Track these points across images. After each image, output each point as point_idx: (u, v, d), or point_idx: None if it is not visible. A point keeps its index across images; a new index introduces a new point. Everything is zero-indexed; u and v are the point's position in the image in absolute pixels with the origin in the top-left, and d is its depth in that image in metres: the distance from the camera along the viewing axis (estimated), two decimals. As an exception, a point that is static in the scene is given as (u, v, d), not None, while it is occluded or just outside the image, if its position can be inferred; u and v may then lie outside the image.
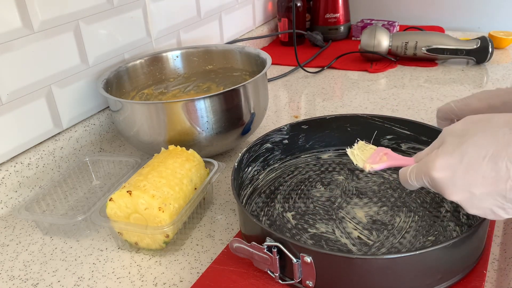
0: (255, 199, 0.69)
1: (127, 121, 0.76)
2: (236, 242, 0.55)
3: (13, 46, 0.73)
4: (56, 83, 0.81)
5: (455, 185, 0.44)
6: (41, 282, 0.59)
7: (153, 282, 0.58)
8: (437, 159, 0.45)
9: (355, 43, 1.37)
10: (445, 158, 0.45)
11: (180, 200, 0.62)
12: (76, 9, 0.83)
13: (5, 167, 0.73)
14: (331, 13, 1.42)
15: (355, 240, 0.60)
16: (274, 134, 0.73)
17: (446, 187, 0.45)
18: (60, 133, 0.84)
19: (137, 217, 0.60)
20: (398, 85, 1.10)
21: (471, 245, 0.52)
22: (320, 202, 0.68)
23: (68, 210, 0.72)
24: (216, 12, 1.23)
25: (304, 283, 0.52)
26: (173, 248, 0.63)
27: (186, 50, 0.98)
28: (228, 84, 0.97)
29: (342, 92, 1.10)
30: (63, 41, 0.81)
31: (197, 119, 0.73)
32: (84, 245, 0.65)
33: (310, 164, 0.76)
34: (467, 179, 0.43)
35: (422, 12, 1.53)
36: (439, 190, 0.46)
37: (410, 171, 0.49)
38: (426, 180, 0.47)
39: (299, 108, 1.04)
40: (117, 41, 0.93)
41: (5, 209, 0.74)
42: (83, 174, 0.77)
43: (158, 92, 0.96)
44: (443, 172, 0.45)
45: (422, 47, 1.18)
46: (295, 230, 0.63)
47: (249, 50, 0.93)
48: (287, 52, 1.36)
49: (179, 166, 0.65)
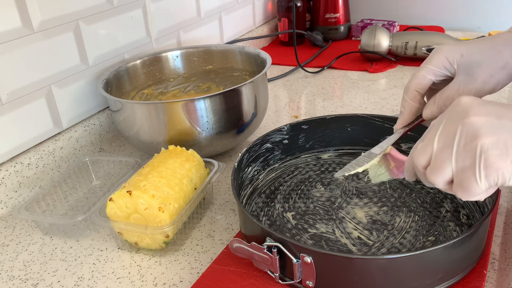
0: (255, 199, 0.69)
1: (127, 121, 0.76)
2: (236, 242, 0.55)
3: (13, 46, 0.73)
4: (56, 83, 0.81)
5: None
6: (41, 282, 0.59)
7: (153, 282, 0.58)
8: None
9: (355, 43, 1.37)
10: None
11: (180, 200, 0.62)
12: (76, 9, 0.83)
13: (5, 167, 0.73)
14: (331, 13, 1.42)
15: (355, 240, 0.60)
16: (274, 134, 0.73)
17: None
18: (60, 133, 0.83)
19: (137, 217, 0.60)
20: (398, 85, 1.10)
21: (471, 245, 0.52)
22: (320, 202, 0.68)
23: (68, 210, 0.72)
24: (216, 12, 1.23)
25: (304, 283, 0.52)
26: (173, 248, 0.63)
27: (186, 50, 0.98)
28: (228, 84, 0.97)
29: (342, 92, 1.10)
30: (63, 41, 0.81)
31: (197, 119, 0.73)
32: (84, 245, 0.65)
33: (310, 164, 0.76)
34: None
35: (422, 12, 1.53)
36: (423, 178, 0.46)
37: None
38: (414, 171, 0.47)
39: (299, 108, 1.04)
40: (117, 41, 0.93)
41: (5, 209, 0.74)
42: (83, 174, 0.77)
43: (158, 92, 0.96)
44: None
45: (422, 47, 1.18)
46: (295, 230, 0.63)
47: (249, 50, 0.93)
48: (287, 52, 1.36)
49: (179, 166, 0.65)
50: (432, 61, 0.56)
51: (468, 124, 0.40)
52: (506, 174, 0.38)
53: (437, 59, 0.56)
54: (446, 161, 0.41)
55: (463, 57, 0.55)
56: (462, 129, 0.40)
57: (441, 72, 0.56)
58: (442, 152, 0.41)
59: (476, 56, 0.55)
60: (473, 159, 0.39)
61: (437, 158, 0.42)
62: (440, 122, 0.43)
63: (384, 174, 0.55)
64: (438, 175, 0.42)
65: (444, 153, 0.41)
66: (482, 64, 0.54)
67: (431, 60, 0.56)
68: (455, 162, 0.40)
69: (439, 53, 0.56)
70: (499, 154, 0.38)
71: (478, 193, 0.40)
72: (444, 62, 0.55)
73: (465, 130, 0.40)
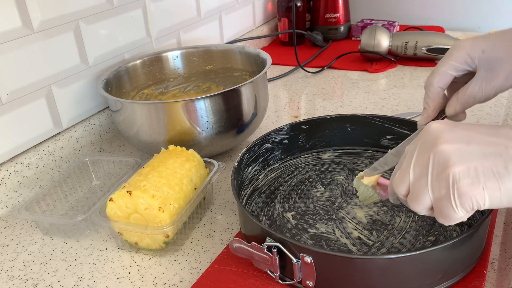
0: (255, 199, 0.69)
1: (127, 121, 0.76)
2: (236, 242, 0.55)
3: (13, 46, 0.73)
4: (56, 83, 0.81)
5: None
6: (41, 282, 0.59)
7: (153, 282, 0.58)
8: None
9: (355, 43, 1.37)
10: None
11: (180, 200, 0.62)
12: (76, 9, 0.83)
13: (5, 167, 0.73)
14: (331, 13, 1.42)
15: (355, 240, 0.60)
16: (274, 134, 0.73)
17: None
18: (60, 133, 0.84)
19: (137, 217, 0.60)
20: (398, 85, 1.10)
21: (471, 245, 0.52)
22: (320, 202, 0.68)
23: (68, 210, 0.72)
24: (216, 12, 1.23)
25: (304, 283, 0.52)
26: (173, 248, 0.63)
27: (186, 50, 0.98)
28: (228, 84, 0.97)
29: (342, 92, 1.10)
30: (63, 41, 0.81)
31: (197, 119, 0.73)
32: (84, 245, 0.65)
33: (310, 164, 0.76)
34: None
35: (422, 12, 1.53)
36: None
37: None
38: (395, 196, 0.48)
39: (299, 108, 1.04)
40: (117, 41, 0.93)
41: (5, 209, 0.74)
42: (83, 174, 0.77)
43: (158, 92, 0.96)
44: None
45: (422, 47, 1.18)
46: (295, 230, 0.63)
47: (249, 50, 0.93)
48: (287, 52, 1.36)
49: (179, 166, 0.65)
50: (454, 57, 0.55)
51: (438, 153, 0.40)
52: (480, 200, 0.39)
53: (459, 55, 0.55)
54: (424, 190, 0.42)
55: (484, 53, 0.54)
56: (434, 158, 0.41)
57: (463, 67, 0.55)
58: (418, 182, 0.42)
59: (498, 52, 0.54)
60: (447, 189, 0.40)
61: (415, 188, 0.43)
62: (413, 149, 0.44)
63: (373, 196, 0.55)
64: (418, 204, 0.43)
65: (420, 183, 0.42)
66: (504, 60, 0.53)
67: (452, 55, 0.55)
68: (432, 192, 0.41)
69: (461, 48, 0.55)
70: (471, 183, 0.39)
71: (458, 219, 0.41)
72: (466, 58, 0.54)
73: (436, 159, 0.41)
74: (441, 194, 0.40)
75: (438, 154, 0.40)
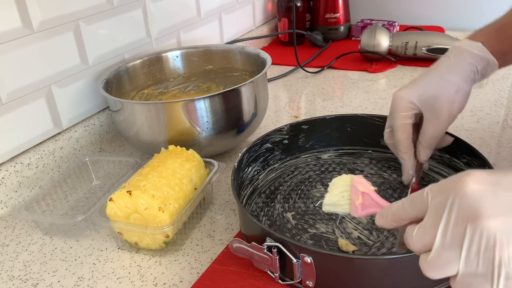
0: (255, 199, 0.69)
1: (127, 121, 0.76)
2: (236, 242, 0.55)
3: (13, 46, 0.73)
4: (56, 83, 0.81)
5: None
6: (41, 282, 0.59)
7: (153, 282, 0.58)
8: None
9: (355, 43, 1.37)
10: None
11: (180, 200, 0.62)
12: (76, 9, 0.83)
13: (5, 167, 0.73)
14: (331, 13, 1.42)
15: (355, 240, 0.60)
16: (274, 134, 0.73)
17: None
18: (60, 133, 0.84)
19: (137, 217, 0.60)
20: (398, 85, 1.10)
21: (471, 245, 0.52)
22: (320, 202, 0.68)
23: (68, 210, 0.72)
24: (216, 12, 1.23)
25: (304, 283, 0.52)
26: (173, 248, 0.63)
27: (186, 50, 0.98)
28: (228, 84, 0.97)
29: (342, 92, 1.10)
30: (63, 41, 0.81)
31: (197, 119, 0.73)
32: (84, 245, 0.65)
33: (310, 164, 0.76)
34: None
35: (422, 12, 1.53)
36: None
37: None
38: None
39: (299, 108, 1.04)
40: (117, 41, 0.93)
41: (5, 209, 0.74)
42: (83, 174, 0.77)
43: (158, 92, 0.96)
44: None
45: (422, 47, 1.18)
46: (295, 230, 0.63)
47: (249, 50, 0.93)
48: (287, 52, 1.36)
49: (179, 166, 0.65)
50: (400, 108, 0.61)
51: (482, 228, 0.34)
52: None
53: (403, 105, 0.61)
54: (453, 263, 0.36)
55: (421, 96, 0.61)
56: (474, 233, 0.34)
57: (413, 112, 0.61)
58: (447, 251, 0.36)
59: (431, 91, 0.60)
60: (489, 268, 0.34)
61: (441, 256, 0.37)
62: (442, 209, 0.37)
63: (343, 206, 0.49)
64: (439, 273, 0.38)
65: (450, 254, 0.36)
66: (439, 96, 0.60)
67: (398, 108, 0.62)
68: (464, 266, 0.35)
69: (400, 99, 0.62)
70: None
71: None
72: (409, 105, 0.61)
73: (478, 235, 0.34)
74: (478, 271, 0.35)
75: (482, 230, 0.34)
